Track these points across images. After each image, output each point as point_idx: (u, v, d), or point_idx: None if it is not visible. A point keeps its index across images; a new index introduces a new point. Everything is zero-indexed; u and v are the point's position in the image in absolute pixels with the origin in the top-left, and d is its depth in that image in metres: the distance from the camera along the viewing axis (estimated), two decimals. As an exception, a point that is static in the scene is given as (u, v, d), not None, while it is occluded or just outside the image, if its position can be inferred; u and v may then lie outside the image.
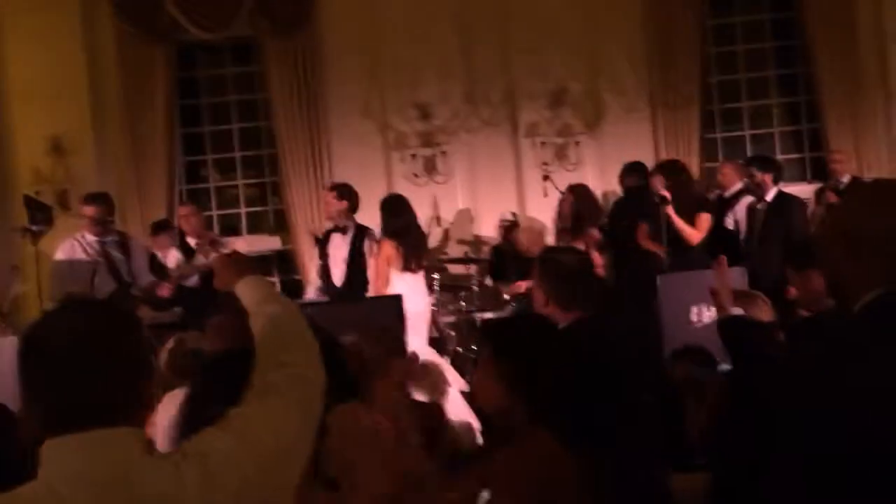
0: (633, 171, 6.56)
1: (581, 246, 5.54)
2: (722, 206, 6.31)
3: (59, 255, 5.36)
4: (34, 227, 5.20)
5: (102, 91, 7.78)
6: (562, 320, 2.70)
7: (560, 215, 6.34)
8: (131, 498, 1.24)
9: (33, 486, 1.27)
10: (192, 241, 6.32)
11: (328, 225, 6.23)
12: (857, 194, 1.63)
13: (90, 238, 5.36)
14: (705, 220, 5.54)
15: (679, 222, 5.45)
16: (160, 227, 7.00)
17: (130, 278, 5.38)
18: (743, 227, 6.10)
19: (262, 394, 1.46)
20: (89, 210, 5.37)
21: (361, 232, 5.83)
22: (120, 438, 1.29)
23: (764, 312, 2.90)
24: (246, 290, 1.75)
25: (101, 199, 5.54)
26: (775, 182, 5.92)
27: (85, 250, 5.29)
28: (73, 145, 7.62)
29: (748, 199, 6.11)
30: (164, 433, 2.68)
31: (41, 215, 5.30)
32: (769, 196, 5.97)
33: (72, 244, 5.34)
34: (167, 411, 2.94)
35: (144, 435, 1.34)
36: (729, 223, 6.22)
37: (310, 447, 1.48)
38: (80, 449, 1.27)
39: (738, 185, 6.50)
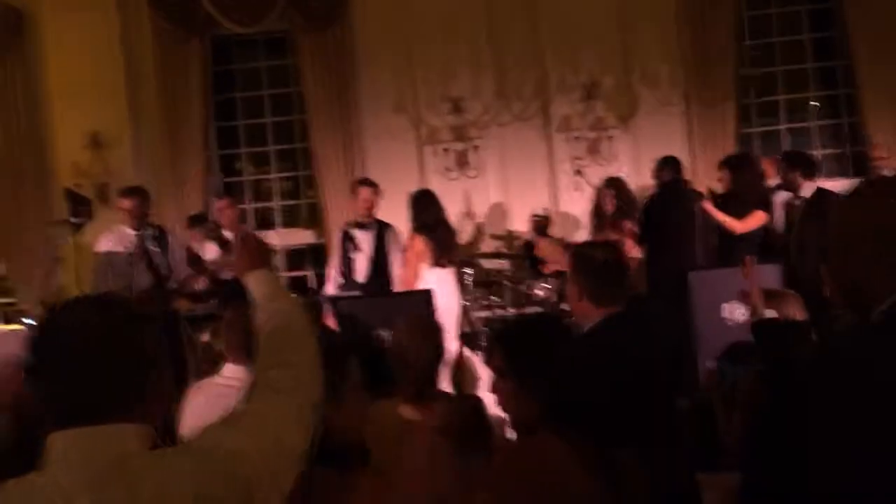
0: (667, 165, 6.51)
1: (616, 238, 5.54)
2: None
3: (100, 247, 5.49)
4: (74, 220, 5.32)
5: (140, 86, 7.92)
6: (594, 315, 2.71)
7: (598, 208, 6.33)
8: (128, 493, 1.27)
9: (40, 474, 1.31)
10: (228, 234, 6.40)
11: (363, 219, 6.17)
12: (888, 189, 1.51)
13: (128, 231, 5.47)
14: (756, 216, 5.50)
15: (718, 214, 5.41)
16: (196, 220, 7.10)
17: (168, 271, 5.47)
18: (780, 223, 6.01)
19: (267, 391, 1.49)
20: (126, 203, 5.47)
21: (383, 228, 5.86)
22: (122, 434, 1.32)
23: (796, 310, 2.87)
24: (255, 283, 1.76)
25: (137, 192, 5.64)
26: (807, 178, 5.80)
27: (123, 243, 5.40)
28: (111, 140, 7.78)
29: (784, 195, 6.02)
30: (192, 419, 2.74)
31: (82, 208, 5.42)
32: (806, 192, 5.87)
33: (111, 237, 5.46)
34: (196, 398, 3.01)
35: (148, 430, 1.36)
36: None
37: (306, 448, 1.49)
38: (82, 443, 1.31)
39: (776, 181, 6.42)
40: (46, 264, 5.89)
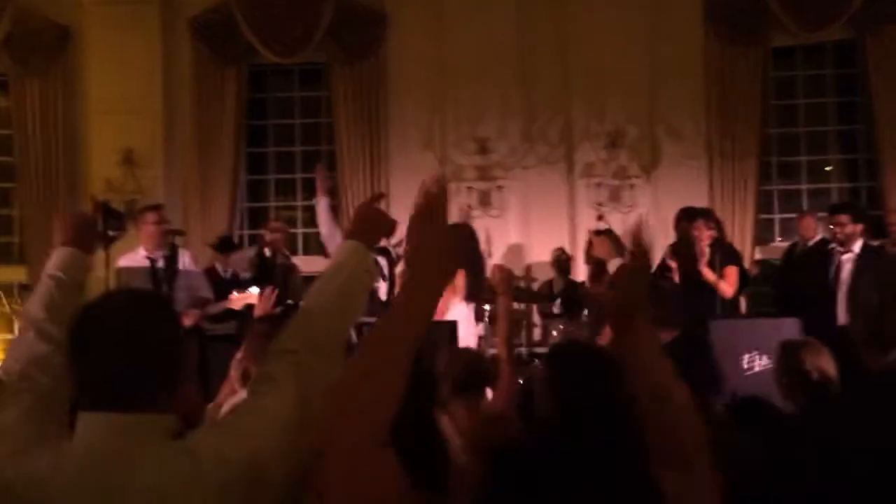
0: (686, 216, 6.60)
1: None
2: (809, 256, 6.26)
3: (120, 263, 5.59)
4: (109, 233, 5.41)
5: (176, 108, 8.12)
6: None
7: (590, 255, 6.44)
8: (125, 481, 1.36)
9: (69, 444, 1.41)
10: (268, 252, 6.43)
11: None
12: None
13: (143, 253, 5.53)
14: (731, 271, 5.65)
15: (711, 276, 5.59)
16: (222, 243, 7.12)
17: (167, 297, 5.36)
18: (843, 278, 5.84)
19: (260, 384, 1.51)
20: (152, 217, 5.53)
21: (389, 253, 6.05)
22: (138, 424, 1.39)
23: (822, 359, 2.94)
24: (339, 250, 1.70)
25: (160, 207, 5.77)
26: (864, 234, 5.74)
27: (138, 261, 5.51)
28: (143, 158, 7.95)
29: (848, 251, 5.77)
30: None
31: (115, 222, 5.50)
32: (856, 247, 5.74)
33: (130, 256, 5.56)
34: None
35: (169, 420, 1.43)
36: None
37: (305, 442, 1.45)
38: (101, 427, 1.40)
39: (819, 236, 6.41)
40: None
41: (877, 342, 1.50)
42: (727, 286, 5.59)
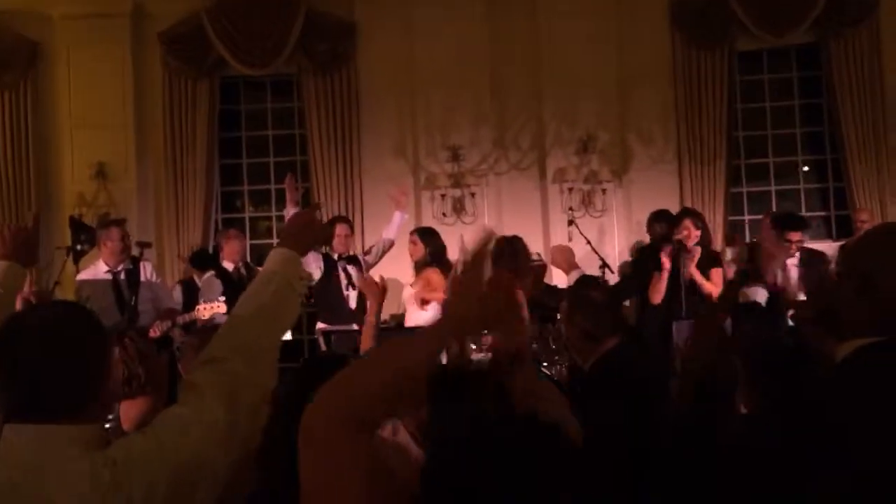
0: (659, 219, 6.67)
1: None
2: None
3: (82, 276, 5.59)
4: (78, 247, 5.42)
5: (148, 121, 8.12)
6: (594, 351, 2.89)
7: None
8: (50, 493, 1.36)
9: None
10: (229, 266, 6.36)
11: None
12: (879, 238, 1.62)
13: (104, 267, 5.52)
14: (718, 273, 5.68)
15: (700, 280, 5.60)
16: (197, 256, 7.09)
17: (133, 312, 5.28)
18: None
19: (185, 392, 1.52)
20: (116, 234, 5.52)
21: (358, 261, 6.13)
22: (62, 436, 1.39)
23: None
24: (270, 259, 1.72)
25: (122, 222, 5.78)
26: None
27: (98, 275, 5.51)
28: (116, 172, 7.95)
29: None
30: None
31: (85, 236, 5.52)
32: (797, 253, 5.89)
33: (91, 269, 5.56)
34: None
35: (94, 431, 1.43)
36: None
37: (236, 447, 1.48)
38: (25, 438, 1.40)
39: None
40: (44, 286, 5.99)
41: (825, 321, 1.53)
42: (714, 288, 5.59)
